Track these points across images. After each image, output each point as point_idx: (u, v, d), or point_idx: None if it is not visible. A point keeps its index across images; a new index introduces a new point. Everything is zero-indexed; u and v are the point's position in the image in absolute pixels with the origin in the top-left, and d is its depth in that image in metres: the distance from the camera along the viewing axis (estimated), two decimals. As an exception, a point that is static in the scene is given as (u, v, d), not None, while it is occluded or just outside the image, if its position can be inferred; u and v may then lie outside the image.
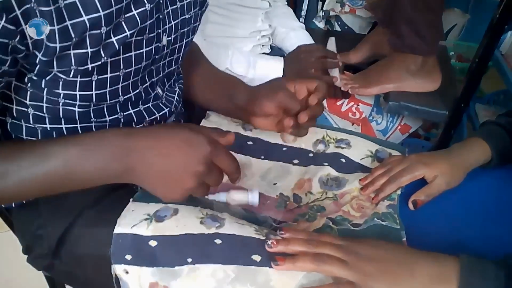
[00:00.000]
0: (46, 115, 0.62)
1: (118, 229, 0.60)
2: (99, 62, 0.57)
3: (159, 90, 0.75)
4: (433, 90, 1.10)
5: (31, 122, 0.63)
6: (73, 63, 0.55)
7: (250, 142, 0.84)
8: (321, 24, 1.55)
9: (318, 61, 1.08)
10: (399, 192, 0.74)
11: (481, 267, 0.52)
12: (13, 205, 0.72)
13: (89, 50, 0.55)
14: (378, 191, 0.74)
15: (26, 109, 0.62)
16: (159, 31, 0.65)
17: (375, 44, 1.25)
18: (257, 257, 0.57)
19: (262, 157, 0.83)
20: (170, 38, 0.69)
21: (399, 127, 1.18)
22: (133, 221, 0.61)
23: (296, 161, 0.82)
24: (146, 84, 0.70)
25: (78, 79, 0.57)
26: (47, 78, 0.56)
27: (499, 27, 0.88)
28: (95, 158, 0.56)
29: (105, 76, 0.60)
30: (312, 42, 1.22)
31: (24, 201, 0.70)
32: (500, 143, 0.74)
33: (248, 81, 1.03)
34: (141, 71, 0.65)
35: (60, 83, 0.57)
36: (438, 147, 1.11)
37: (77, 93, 0.59)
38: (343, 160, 0.81)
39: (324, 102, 1.16)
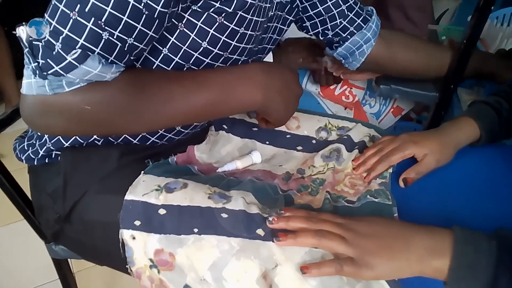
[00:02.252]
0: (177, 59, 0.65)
1: (129, 196, 0.63)
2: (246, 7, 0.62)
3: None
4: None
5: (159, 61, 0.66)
6: None
7: (255, 128, 0.86)
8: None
9: (305, 50, 1.09)
10: (390, 170, 0.76)
11: (474, 239, 0.54)
12: (35, 163, 0.73)
13: None
14: (369, 170, 0.76)
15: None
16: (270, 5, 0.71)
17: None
18: (261, 232, 0.59)
19: (267, 142, 0.85)
20: (272, 13, 0.74)
21: (392, 110, 1.20)
22: (144, 190, 0.64)
23: (299, 148, 0.85)
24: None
25: (237, 15, 0.62)
26: (210, 10, 0.60)
27: (486, 9, 0.89)
28: (244, 89, 0.66)
29: (246, 32, 0.66)
30: None
31: (47, 159, 0.73)
32: (489, 122, 0.76)
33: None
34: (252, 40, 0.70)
35: (216, 23, 0.62)
36: (428, 127, 1.12)
37: (223, 37, 0.64)
38: (345, 137, 0.84)
39: (318, 88, 1.17)
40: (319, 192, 0.75)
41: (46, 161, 0.73)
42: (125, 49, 0.55)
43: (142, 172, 0.67)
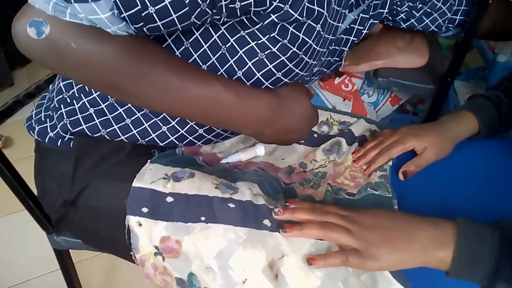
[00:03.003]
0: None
1: (137, 183, 0.63)
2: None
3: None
4: (421, 65, 1.12)
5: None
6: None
7: None
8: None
9: None
10: (390, 163, 0.77)
11: (476, 231, 0.55)
12: (46, 141, 0.72)
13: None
14: (370, 163, 0.77)
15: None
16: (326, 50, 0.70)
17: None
18: (268, 222, 0.60)
19: None
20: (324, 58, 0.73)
21: (390, 99, 1.21)
22: (152, 178, 0.64)
23: (301, 141, 0.85)
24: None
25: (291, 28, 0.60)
26: (276, 14, 0.57)
27: (484, 2, 0.90)
28: (240, 117, 0.63)
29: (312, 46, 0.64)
30: None
31: (59, 143, 0.71)
32: (488, 116, 0.77)
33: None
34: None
35: (278, 27, 0.59)
36: (425, 120, 1.13)
37: (285, 41, 0.61)
38: (346, 131, 0.85)
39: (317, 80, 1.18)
40: (321, 185, 0.76)
41: (58, 144, 0.72)
42: (142, 14, 0.51)
43: (149, 161, 0.67)
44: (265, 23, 0.58)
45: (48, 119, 0.73)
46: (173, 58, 0.59)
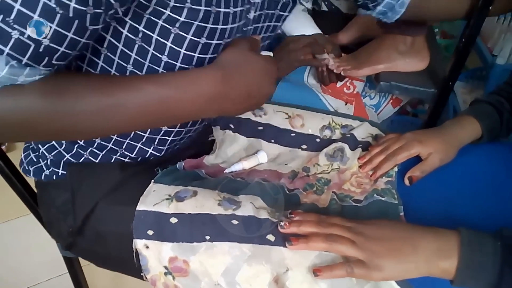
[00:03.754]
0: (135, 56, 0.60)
1: (140, 206, 0.64)
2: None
3: None
4: (422, 69, 1.13)
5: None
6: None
7: (260, 127, 0.87)
8: (308, 4, 1.57)
9: (306, 48, 1.11)
10: (396, 169, 0.78)
11: (479, 240, 0.56)
12: (42, 178, 0.73)
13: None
14: (375, 168, 0.78)
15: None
16: (248, 6, 0.65)
17: (364, 24, 1.27)
18: (271, 237, 0.61)
19: (272, 141, 0.87)
20: (256, 14, 0.68)
21: (391, 101, 1.22)
22: (155, 199, 0.65)
23: (304, 146, 0.86)
24: None
25: (189, 36, 0.57)
26: (161, 20, 0.55)
27: (485, 8, 0.91)
28: (192, 101, 0.57)
29: (212, 42, 0.60)
30: (314, 24, 1.24)
31: (54, 177, 0.72)
32: (490, 121, 0.79)
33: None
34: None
35: (172, 35, 0.57)
36: (427, 123, 1.15)
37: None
38: (348, 135, 0.86)
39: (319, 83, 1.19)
40: (324, 192, 0.77)
41: (54, 178, 0.72)
42: (40, 50, 0.48)
43: (152, 181, 0.68)
44: None
45: (40, 159, 0.74)
46: (95, 79, 0.56)
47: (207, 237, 0.62)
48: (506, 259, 0.54)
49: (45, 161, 0.73)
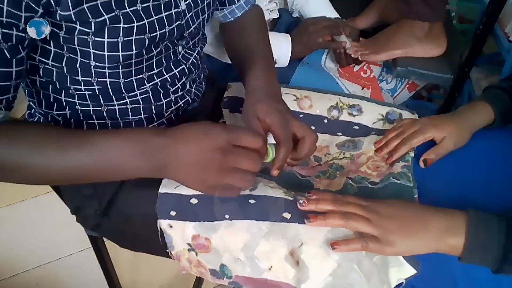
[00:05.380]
0: (80, 78, 0.65)
1: (162, 189, 0.68)
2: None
3: (180, 49, 0.77)
4: (439, 55, 1.15)
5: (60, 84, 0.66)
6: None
7: None
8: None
9: (324, 30, 1.12)
10: (412, 154, 0.80)
11: (485, 220, 0.60)
12: None
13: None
14: (392, 152, 0.81)
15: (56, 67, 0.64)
16: None
17: (382, 9, 1.28)
18: (287, 215, 0.64)
19: None
20: (187, 1, 0.71)
21: (407, 85, 1.24)
22: (175, 183, 0.67)
23: (312, 128, 0.88)
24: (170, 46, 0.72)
25: (105, 40, 0.61)
26: (76, 34, 0.58)
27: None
28: (130, 154, 0.57)
29: (131, 38, 0.63)
30: (332, 9, 1.25)
31: None
32: (503, 106, 0.81)
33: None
34: (166, 36, 0.67)
35: (90, 43, 0.60)
36: (442, 108, 1.17)
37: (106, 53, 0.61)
38: (356, 127, 0.88)
39: (337, 65, 1.20)
40: (337, 177, 0.79)
41: None
42: None
43: None
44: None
45: None
46: (46, 128, 0.61)
47: (227, 216, 0.65)
48: (510, 237, 0.58)
49: None
